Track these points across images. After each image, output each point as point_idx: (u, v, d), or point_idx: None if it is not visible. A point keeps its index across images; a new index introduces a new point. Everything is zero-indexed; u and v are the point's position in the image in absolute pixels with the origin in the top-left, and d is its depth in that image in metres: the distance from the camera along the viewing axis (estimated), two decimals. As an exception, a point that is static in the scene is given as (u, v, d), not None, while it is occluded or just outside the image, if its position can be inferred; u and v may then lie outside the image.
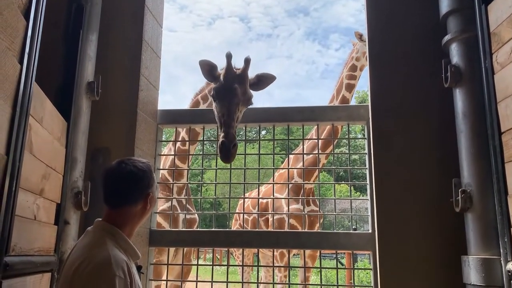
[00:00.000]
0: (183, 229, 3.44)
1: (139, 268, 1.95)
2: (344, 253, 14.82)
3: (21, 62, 1.73)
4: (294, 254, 6.63)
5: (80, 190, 2.67)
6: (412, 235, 2.64)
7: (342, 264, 15.80)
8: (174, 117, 3.46)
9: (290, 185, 5.06)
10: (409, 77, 2.84)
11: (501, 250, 2.12)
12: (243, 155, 3.47)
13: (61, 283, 1.74)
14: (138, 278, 1.87)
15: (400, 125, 2.79)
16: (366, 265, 14.73)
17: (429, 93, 2.78)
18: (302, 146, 4.80)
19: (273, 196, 3.73)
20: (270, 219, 5.25)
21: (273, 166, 3.69)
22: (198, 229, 3.68)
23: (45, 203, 2.17)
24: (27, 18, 1.77)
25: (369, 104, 2.90)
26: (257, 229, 3.47)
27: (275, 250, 5.31)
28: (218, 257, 20.08)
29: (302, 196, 4.89)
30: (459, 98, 2.49)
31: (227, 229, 3.44)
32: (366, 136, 3.15)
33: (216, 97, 2.96)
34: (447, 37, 2.59)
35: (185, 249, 3.65)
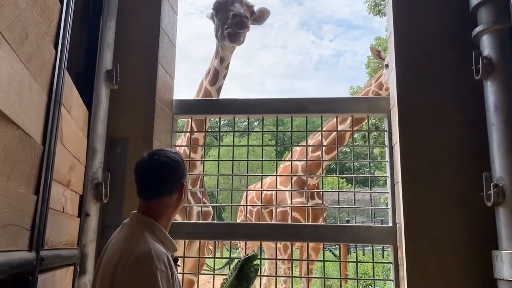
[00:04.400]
0: (200, 221, 3.39)
1: (175, 260, 1.91)
2: (338, 245, 14.89)
3: (55, 48, 1.65)
4: (296, 247, 6.61)
5: (100, 181, 2.60)
6: (439, 229, 2.61)
7: (336, 256, 15.90)
8: (190, 107, 3.39)
9: (295, 179, 5.00)
10: (437, 70, 2.80)
11: (536, 245, 2.09)
12: (246, 147, 3.42)
13: (100, 278, 1.69)
14: (175, 271, 1.84)
15: (428, 118, 2.75)
16: (359, 257, 14.75)
17: (458, 85, 2.74)
18: (306, 140, 4.76)
19: (276, 188, 3.69)
20: (274, 212, 5.21)
21: (276, 159, 3.65)
22: (214, 221, 3.62)
23: (71, 195, 2.10)
24: (61, 0, 1.69)
25: (395, 97, 2.84)
26: (275, 222, 3.43)
27: (278, 242, 5.30)
28: (212, 249, 20.00)
29: (306, 190, 4.86)
30: (491, 91, 2.44)
31: (244, 222, 3.41)
32: (386, 129, 3.11)
33: (216, 8, 3.42)
34: (478, 29, 2.54)
35: (200, 242, 3.59)
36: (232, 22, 3.13)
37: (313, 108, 3.23)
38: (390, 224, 2.95)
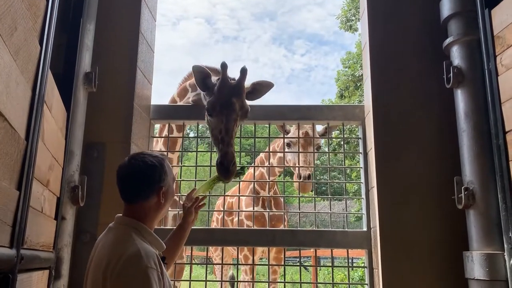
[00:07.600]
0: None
1: (162, 259, 1.92)
2: (310, 257, 14.96)
3: (41, 44, 1.64)
4: (260, 258, 6.65)
5: (76, 185, 2.55)
6: (413, 232, 2.69)
7: (306, 268, 15.94)
8: (168, 113, 3.38)
9: (251, 188, 5.01)
10: (410, 79, 2.91)
11: (505, 246, 2.18)
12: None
13: (90, 282, 1.70)
14: (164, 269, 1.85)
15: (401, 125, 2.85)
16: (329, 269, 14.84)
17: (430, 93, 2.86)
18: (283, 146, 4.79)
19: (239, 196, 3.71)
20: (235, 219, 5.21)
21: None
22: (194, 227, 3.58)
23: (49, 195, 2.06)
24: (47, -3, 1.68)
25: (370, 105, 2.93)
26: (254, 227, 3.45)
27: (239, 253, 5.29)
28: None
29: (262, 201, 4.89)
30: (461, 99, 2.56)
31: (223, 228, 3.40)
32: (360, 136, 3.20)
33: (212, 112, 2.76)
34: (448, 40, 2.67)
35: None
36: (218, 166, 2.67)
37: (291, 115, 3.29)
38: (365, 229, 3.02)
